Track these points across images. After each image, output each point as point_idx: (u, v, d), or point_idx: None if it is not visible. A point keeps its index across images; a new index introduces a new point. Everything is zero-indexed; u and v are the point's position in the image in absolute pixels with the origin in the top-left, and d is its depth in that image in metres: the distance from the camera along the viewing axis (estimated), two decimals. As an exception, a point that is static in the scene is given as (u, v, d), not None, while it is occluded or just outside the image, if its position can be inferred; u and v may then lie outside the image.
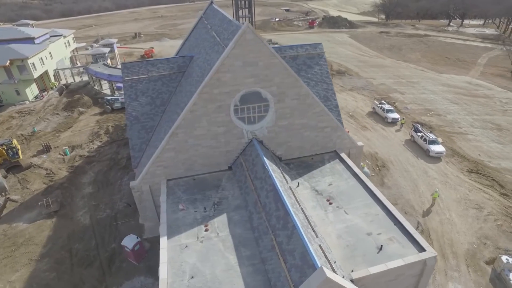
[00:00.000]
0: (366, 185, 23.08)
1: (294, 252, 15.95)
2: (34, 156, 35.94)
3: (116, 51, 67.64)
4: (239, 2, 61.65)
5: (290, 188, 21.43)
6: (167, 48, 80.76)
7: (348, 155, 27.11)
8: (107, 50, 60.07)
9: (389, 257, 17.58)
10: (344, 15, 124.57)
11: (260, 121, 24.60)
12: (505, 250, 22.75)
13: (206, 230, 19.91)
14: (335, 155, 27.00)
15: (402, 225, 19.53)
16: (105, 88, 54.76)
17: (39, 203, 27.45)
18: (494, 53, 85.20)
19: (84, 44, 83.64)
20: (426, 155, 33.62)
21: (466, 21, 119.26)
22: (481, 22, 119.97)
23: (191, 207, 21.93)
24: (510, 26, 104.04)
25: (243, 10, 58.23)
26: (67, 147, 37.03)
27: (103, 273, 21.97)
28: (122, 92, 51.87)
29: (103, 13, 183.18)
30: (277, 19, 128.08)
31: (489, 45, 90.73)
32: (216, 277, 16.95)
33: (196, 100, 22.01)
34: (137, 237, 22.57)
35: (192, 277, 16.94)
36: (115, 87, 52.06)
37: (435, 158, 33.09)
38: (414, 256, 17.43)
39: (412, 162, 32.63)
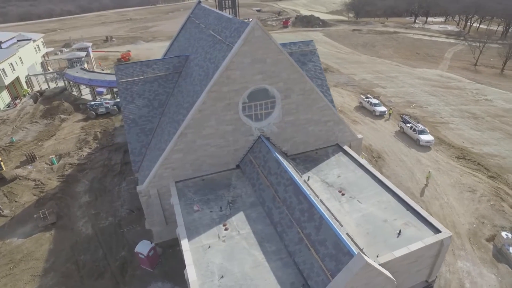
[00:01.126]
0: (373, 174, 23.88)
1: (326, 242, 16.22)
2: (17, 167, 33.71)
3: (91, 55, 64.88)
4: (223, 2, 61.26)
5: (305, 182, 21.74)
6: (144, 51, 78.63)
7: (349, 147, 27.90)
8: (83, 54, 57.49)
9: (408, 240, 18.31)
10: (315, 14, 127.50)
11: (267, 118, 24.71)
12: (501, 227, 24.45)
13: (226, 229, 19.71)
14: (338, 148, 27.67)
15: (414, 209, 20.41)
16: (85, 93, 52.38)
17: (34, 216, 25.85)
18: (458, 48, 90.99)
19: (52, 49, 79.37)
20: (416, 144, 35.33)
21: (429, 19, 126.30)
22: (442, 19, 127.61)
23: (205, 207, 21.62)
24: (468, 23, 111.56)
25: (228, 10, 58.01)
26: (54, 156, 35.07)
27: (117, 283, 21.09)
28: (105, 97, 50.08)
29: (67, 17, 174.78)
30: (250, 19, 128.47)
31: (452, 41, 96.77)
32: (246, 274, 16.85)
33: (205, 99, 21.71)
34: (151, 243, 21.88)
35: (222, 276, 16.73)
36: (96, 92, 49.95)
37: (425, 147, 34.85)
38: (431, 238, 18.29)
39: (405, 152, 34.16)
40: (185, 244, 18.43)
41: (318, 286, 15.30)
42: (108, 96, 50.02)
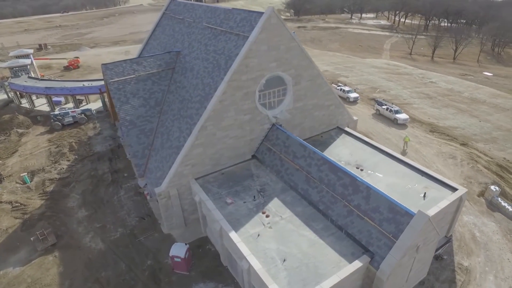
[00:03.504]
0: (381, 149, 25.73)
1: (379, 208, 17.19)
2: (-18, 191, 28.97)
3: (34, 62, 57.97)
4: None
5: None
6: (92, 57, 72.69)
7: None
8: (28, 61, 51.16)
9: (434, 200, 20.22)
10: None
11: (280, 105, 25.06)
12: (485, 183, 28.16)
13: (267, 216, 19.63)
14: (339, 130, 29.14)
15: (428, 174, 22.58)
16: (38, 104, 46.73)
17: (32, 239, 22.57)
18: (393, 40, 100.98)
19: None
20: (394, 123, 38.67)
21: (362, 15, 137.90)
22: (373, 15, 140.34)
23: (237, 199, 21.21)
24: (397, 18, 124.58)
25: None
26: (25, 173, 30.87)
27: (153, 293, 19.59)
28: (66, 106, 45.29)
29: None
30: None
31: (387, 33, 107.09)
32: (306, 253, 17.07)
33: (225, 89, 21.27)
34: (186, 244, 20.71)
35: (285, 260, 16.70)
36: (53, 102, 44.89)
37: (403, 125, 38.35)
38: (452, 195, 20.46)
39: (387, 131, 37.16)
40: (234, 236, 17.94)
41: (381, 249, 16.18)
42: (70, 105, 45.38)
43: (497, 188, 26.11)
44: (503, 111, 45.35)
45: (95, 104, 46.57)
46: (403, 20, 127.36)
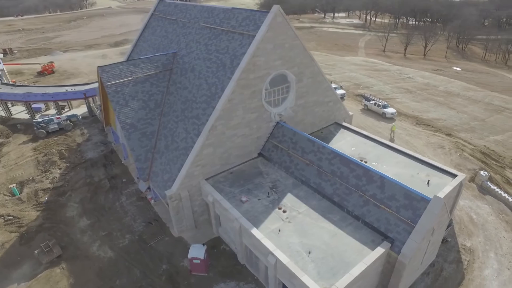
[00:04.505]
0: (381, 141, 26.81)
1: (395, 196, 18.00)
2: (-32, 206, 27.08)
3: (4, 68, 54.64)
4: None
5: (338, 155, 23.21)
6: (67, 61, 69.56)
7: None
8: (1, 66, 48.20)
9: (437, 186, 21.40)
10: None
11: (283, 103, 25.44)
12: (473, 169, 30.11)
13: (284, 212, 19.95)
14: (337, 126, 30.02)
15: (427, 162, 23.83)
16: (16, 112, 44.19)
17: (36, 252, 21.43)
18: (367, 38, 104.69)
19: None
20: (383, 117, 40.29)
21: (336, 14, 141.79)
22: (345, 14, 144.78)
23: (251, 196, 21.35)
24: (368, 17, 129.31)
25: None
26: (14, 185, 29.19)
27: (173, 296, 19.29)
28: (48, 113, 43.15)
29: None
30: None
31: (361, 32, 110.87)
32: (329, 244, 17.55)
33: (234, 88, 21.35)
34: (203, 245, 20.53)
35: (310, 252, 17.08)
36: (33, 109, 42.66)
37: (391, 119, 40.04)
38: (454, 181, 21.75)
39: (377, 125, 38.66)
40: (256, 233, 18.09)
41: (400, 235, 16.97)
42: (52, 111, 43.27)
43: (486, 173, 28.01)
44: (476, 103, 48.50)
45: (78, 110, 44.75)
46: (374, 19, 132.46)
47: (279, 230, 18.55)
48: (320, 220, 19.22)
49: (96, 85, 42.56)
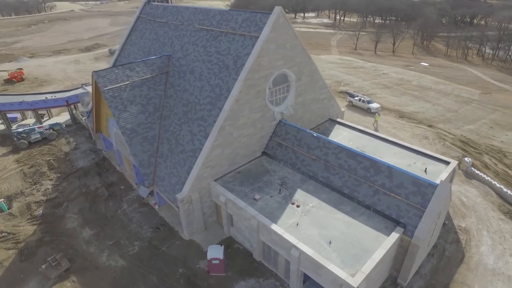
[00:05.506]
0: (375, 135, 28.21)
1: (403, 184, 19.19)
2: (-47, 226, 25.23)
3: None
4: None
5: (341, 149, 24.18)
6: (36, 68, 65.94)
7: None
8: (-32, 75, 44.91)
9: (434, 174, 22.97)
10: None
11: (284, 101, 26.07)
12: (457, 156, 32.44)
13: (297, 206, 20.56)
14: (332, 122, 31.14)
15: (421, 152, 25.45)
16: (-11, 123, 41.42)
17: (43, 266, 20.48)
18: (338, 37, 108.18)
19: None
20: (368, 112, 42.16)
21: (306, 14, 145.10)
22: (314, 14, 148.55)
23: (263, 194, 21.77)
24: (337, 16, 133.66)
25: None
26: (1, 200, 27.54)
27: (194, 299, 19.27)
28: (26, 123, 40.89)
29: None
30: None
31: (331, 31, 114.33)
32: (346, 234, 18.39)
33: (241, 88, 21.66)
34: (221, 245, 20.63)
35: (330, 242, 17.82)
36: (9, 119, 40.26)
37: (376, 113, 41.97)
38: (448, 168, 23.46)
39: (363, 120, 40.41)
40: (275, 228, 18.56)
41: (412, 220, 18.15)
42: (30, 121, 41.05)
43: (470, 159, 30.32)
44: (447, 96, 51.92)
45: (59, 118, 42.79)
46: (343, 18, 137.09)
47: (297, 224, 19.13)
48: (334, 211, 20.03)
49: (78, 91, 41.17)
